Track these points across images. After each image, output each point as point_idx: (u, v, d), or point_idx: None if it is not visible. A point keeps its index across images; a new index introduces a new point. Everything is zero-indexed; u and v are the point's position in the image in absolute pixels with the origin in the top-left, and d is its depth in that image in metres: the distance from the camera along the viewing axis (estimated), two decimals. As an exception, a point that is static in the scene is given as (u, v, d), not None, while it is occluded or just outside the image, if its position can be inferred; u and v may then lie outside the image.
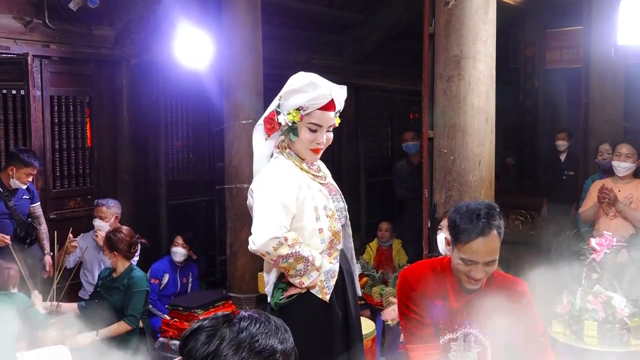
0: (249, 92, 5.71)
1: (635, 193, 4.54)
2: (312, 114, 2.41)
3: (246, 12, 5.74)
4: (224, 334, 1.26)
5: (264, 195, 2.40)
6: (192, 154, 7.50)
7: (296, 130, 2.43)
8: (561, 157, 7.29)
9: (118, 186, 6.60)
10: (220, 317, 1.33)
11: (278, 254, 2.35)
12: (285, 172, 2.43)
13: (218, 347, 1.25)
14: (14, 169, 4.77)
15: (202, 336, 1.27)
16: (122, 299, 4.42)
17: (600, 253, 3.86)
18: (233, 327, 1.28)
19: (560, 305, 3.89)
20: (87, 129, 6.39)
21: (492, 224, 2.17)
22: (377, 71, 9.97)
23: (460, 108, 4.00)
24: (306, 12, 8.40)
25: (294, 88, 2.39)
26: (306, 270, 2.39)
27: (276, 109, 2.46)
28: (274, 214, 2.36)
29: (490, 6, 4.03)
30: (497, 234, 2.19)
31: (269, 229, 2.35)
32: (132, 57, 6.53)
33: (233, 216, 5.82)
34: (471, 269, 2.18)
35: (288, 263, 2.37)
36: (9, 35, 5.59)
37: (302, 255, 2.37)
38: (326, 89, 2.41)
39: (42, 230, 5.17)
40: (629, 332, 3.66)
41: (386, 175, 10.48)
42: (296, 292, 2.45)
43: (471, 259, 2.17)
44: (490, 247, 2.16)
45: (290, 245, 2.35)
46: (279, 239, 2.34)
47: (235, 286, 5.94)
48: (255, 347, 1.26)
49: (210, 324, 1.30)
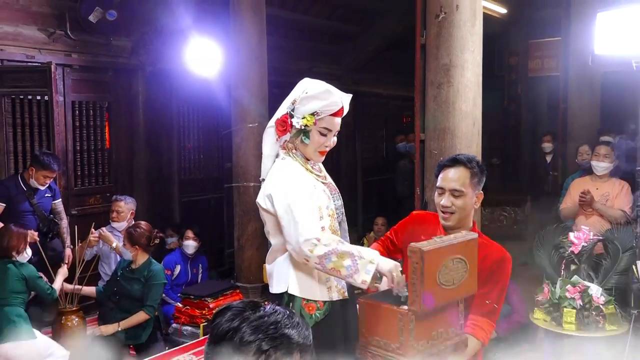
0: (255, 98, 5.71)
1: (612, 191, 4.54)
2: (324, 119, 2.40)
3: (252, 24, 5.74)
4: (248, 316, 1.28)
5: (287, 201, 2.30)
6: (203, 155, 7.50)
7: (308, 133, 2.41)
8: (547, 158, 7.27)
9: (134, 184, 6.60)
10: (250, 302, 1.34)
11: (316, 255, 2.18)
12: (300, 175, 2.39)
13: (239, 325, 1.26)
14: (34, 169, 4.75)
15: (229, 314, 1.29)
16: (140, 289, 4.43)
17: (578, 246, 3.86)
18: (258, 312, 1.29)
19: (541, 294, 3.89)
20: (105, 132, 6.39)
21: (463, 160, 2.24)
22: (373, 79, 9.98)
23: (450, 113, 4.00)
24: (308, 24, 8.41)
25: (312, 94, 2.37)
26: (356, 266, 2.15)
27: (290, 112, 2.43)
28: (301, 218, 2.25)
29: (477, 19, 4.03)
30: (465, 168, 2.23)
31: (298, 234, 2.23)
32: (147, 65, 6.53)
33: (240, 212, 5.82)
34: (442, 199, 2.22)
35: (333, 262, 2.18)
36: (34, 45, 5.59)
37: (344, 251, 2.18)
38: (338, 97, 2.41)
39: (62, 225, 5.16)
40: (604, 318, 3.66)
41: (381, 174, 10.50)
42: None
43: (441, 185, 2.24)
44: (456, 176, 2.21)
45: (325, 244, 2.20)
46: (311, 240, 2.20)
47: (242, 276, 5.94)
48: (272, 332, 1.26)
49: (239, 306, 1.32)
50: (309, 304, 2.35)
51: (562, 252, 3.96)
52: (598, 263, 3.93)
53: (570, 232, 3.94)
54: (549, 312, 3.82)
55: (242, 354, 1.25)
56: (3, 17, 5.38)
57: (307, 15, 8.27)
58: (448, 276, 1.83)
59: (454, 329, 1.94)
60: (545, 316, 3.84)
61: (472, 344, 2.03)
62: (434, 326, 1.87)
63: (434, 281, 1.79)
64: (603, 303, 3.65)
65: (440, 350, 1.88)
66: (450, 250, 1.84)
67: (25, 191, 4.80)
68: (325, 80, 2.44)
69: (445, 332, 1.91)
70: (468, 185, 2.22)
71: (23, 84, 5.41)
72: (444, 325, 1.90)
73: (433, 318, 1.86)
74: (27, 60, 5.51)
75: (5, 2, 5.37)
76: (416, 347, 1.81)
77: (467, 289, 1.91)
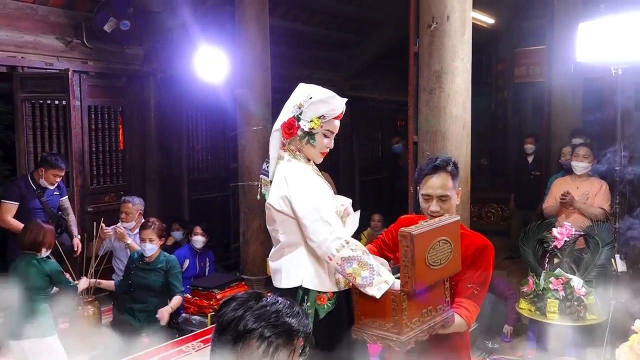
0: (259, 103, 5.72)
1: (591, 189, 4.53)
2: (329, 122, 2.41)
3: (257, 33, 5.75)
4: (252, 305, 1.30)
5: (312, 205, 2.27)
6: (210, 156, 7.51)
7: (314, 136, 2.41)
8: (529, 159, 7.26)
9: (146, 183, 6.61)
10: (253, 293, 1.37)
11: (341, 255, 2.16)
12: (315, 177, 2.39)
13: (243, 314, 1.28)
14: (44, 170, 4.77)
15: (234, 304, 1.31)
16: (160, 279, 4.48)
17: (561, 241, 3.86)
18: (260, 302, 1.31)
19: (527, 286, 3.90)
20: (119, 134, 6.40)
21: (443, 165, 2.24)
22: (369, 84, 9.97)
23: (441, 116, 4.01)
24: (308, 33, 8.41)
25: (319, 99, 2.36)
26: (372, 281, 2.08)
27: (297, 115, 2.43)
28: (331, 218, 2.24)
29: (467, 28, 4.04)
30: (446, 172, 2.24)
31: (331, 231, 2.21)
32: (158, 72, 6.53)
33: (245, 209, 5.83)
34: (430, 205, 2.23)
35: (353, 268, 2.14)
36: (52, 53, 5.60)
37: (366, 262, 2.13)
38: (340, 101, 2.42)
39: (70, 219, 5.16)
40: (585, 308, 3.67)
41: (377, 174, 10.50)
42: None
43: (427, 193, 2.24)
44: (440, 182, 2.22)
45: (352, 249, 2.17)
46: (341, 241, 2.18)
47: (247, 269, 5.95)
48: (274, 321, 1.28)
49: (243, 297, 1.34)
50: (321, 295, 2.36)
51: (546, 246, 3.97)
52: (579, 257, 3.93)
53: (553, 228, 3.95)
54: (534, 303, 3.83)
55: (245, 340, 1.26)
56: (24, 27, 5.39)
57: (307, 25, 8.28)
58: (435, 257, 1.86)
59: (441, 306, 1.98)
60: (530, 306, 3.85)
61: (457, 320, 2.06)
62: (423, 304, 1.90)
63: (423, 262, 1.82)
64: (584, 294, 3.66)
65: (430, 327, 1.91)
66: (436, 233, 1.88)
67: (35, 190, 4.82)
68: (325, 85, 2.44)
69: (433, 309, 1.95)
70: (451, 188, 2.24)
71: (42, 90, 5.42)
72: (432, 302, 1.94)
73: (422, 297, 1.89)
74: (46, 68, 5.52)
75: (26, 13, 5.38)
76: (409, 325, 1.85)
77: (453, 268, 1.95)
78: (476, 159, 9.07)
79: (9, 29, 5.28)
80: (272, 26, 5.98)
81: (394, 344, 1.83)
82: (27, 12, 5.39)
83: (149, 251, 4.47)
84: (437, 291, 1.96)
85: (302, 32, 8.26)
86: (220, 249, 7.02)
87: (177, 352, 4.42)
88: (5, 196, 4.73)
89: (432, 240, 1.85)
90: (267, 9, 5.87)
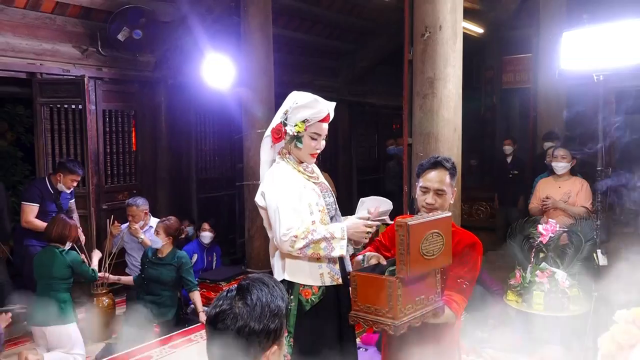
0: (263, 107, 5.71)
1: (573, 188, 4.51)
2: (313, 125, 2.41)
3: (261, 42, 5.74)
4: (242, 313, 1.26)
5: (274, 202, 2.33)
6: (217, 157, 7.51)
7: (301, 139, 2.42)
8: (508, 159, 7.27)
9: (157, 183, 6.60)
10: (234, 294, 1.30)
11: (297, 248, 2.27)
12: (289, 177, 2.40)
13: (243, 325, 1.25)
14: (62, 175, 4.76)
15: (227, 320, 1.26)
16: (171, 274, 4.48)
17: (546, 237, 3.86)
18: (247, 302, 1.27)
19: (514, 279, 3.90)
20: (132, 137, 6.39)
21: (442, 162, 2.26)
22: (366, 90, 9.97)
23: (434, 120, 4.00)
24: (309, 42, 8.40)
25: (302, 104, 2.38)
26: (331, 246, 2.28)
27: (283, 121, 2.45)
28: (283, 219, 2.29)
29: (458, 37, 4.03)
30: (445, 169, 2.25)
31: (281, 234, 2.28)
32: (169, 78, 6.53)
33: (250, 207, 5.83)
34: (426, 197, 2.24)
35: (311, 249, 2.28)
36: (69, 60, 5.59)
37: (318, 239, 2.27)
38: (324, 105, 2.42)
39: (74, 217, 5.13)
40: (568, 300, 3.67)
41: (374, 174, 10.50)
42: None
43: (425, 185, 2.26)
44: (438, 177, 2.24)
45: (302, 237, 2.26)
46: (289, 239, 2.26)
47: (252, 263, 5.95)
48: (271, 310, 1.28)
49: (228, 306, 1.28)
50: (305, 289, 2.38)
51: (532, 242, 3.96)
52: (563, 252, 3.93)
53: (539, 225, 3.95)
54: (520, 295, 3.83)
55: (229, 328, 1.26)
56: (42, 36, 5.38)
57: (308, 35, 8.27)
58: (428, 248, 1.88)
59: (432, 296, 1.99)
60: (517, 298, 3.85)
61: (447, 312, 2.07)
62: (416, 292, 1.92)
63: (417, 251, 1.84)
64: (568, 286, 3.66)
65: (423, 314, 1.93)
66: (430, 225, 1.90)
67: (53, 193, 4.83)
68: (324, 91, 2.45)
69: (425, 298, 1.96)
70: (448, 185, 2.25)
71: (59, 95, 5.42)
72: (424, 292, 1.96)
73: (416, 285, 1.91)
74: (63, 74, 5.51)
75: (45, 22, 5.37)
76: (403, 310, 1.86)
77: (444, 260, 1.97)
78: (466, 159, 9.09)
79: (28, 37, 5.27)
80: (275, 35, 5.98)
81: (388, 328, 1.84)
82: (46, 21, 5.38)
83: (156, 244, 4.50)
84: (429, 282, 1.97)
85: (303, 41, 8.26)
86: (226, 244, 7.02)
87: (186, 340, 4.43)
88: (27, 198, 4.73)
89: (426, 232, 1.88)
90: (270, 19, 5.86)
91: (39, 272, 4.00)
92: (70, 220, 4.18)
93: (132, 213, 5.07)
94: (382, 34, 8.92)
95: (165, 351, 4.11)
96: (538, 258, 3.89)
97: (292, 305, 2.35)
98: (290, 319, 2.33)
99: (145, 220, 5.09)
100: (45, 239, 4.10)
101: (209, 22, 6.35)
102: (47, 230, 4.09)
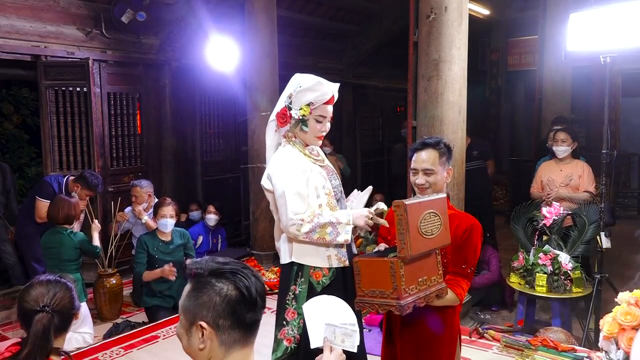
0: (267, 89, 5.69)
1: (575, 172, 4.48)
2: (318, 107, 2.40)
3: (265, 24, 5.70)
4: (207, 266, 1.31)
5: (281, 186, 2.33)
6: (222, 140, 7.50)
7: (306, 122, 2.41)
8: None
9: (162, 165, 6.61)
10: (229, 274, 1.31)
11: (303, 232, 2.27)
12: (295, 161, 2.38)
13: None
14: (79, 186, 4.70)
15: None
16: (181, 253, 4.48)
17: (550, 219, 3.86)
18: (239, 284, 1.28)
19: (517, 261, 3.91)
20: (137, 119, 6.38)
21: (431, 143, 2.26)
22: (371, 73, 9.91)
23: (438, 102, 3.98)
24: (313, 24, 8.33)
25: (306, 87, 2.36)
26: (337, 231, 2.28)
27: (288, 105, 2.43)
28: (289, 203, 2.29)
29: (464, 19, 3.99)
30: (434, 149, 2.24)
31: (287, 218, 2.29)
32: (173, 61, 6.50)
33: (255, 189, 5.84)
34: (417, 178, 2.26)
35: (318, 234, 2.28)
36: (73, 43, 5.57)
37: (324, 222, 2.27)
38: (329, 87, 2.40)
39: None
40: (571, 282, 3.68)
41: (378, 157, 10.48)
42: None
43: (414, 167, 2.27)
44: (427, 157, 2.23)
45: (309, 221, 2.27)
46: (296, 224, 2.27)
47: (256, 245, 5.98)
48: (257, 291, 1.29)
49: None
50: (316, 271, 2.38)
51: (535, 224, 3.96)
52: (567, 234, 3.93)
53: (542, 208, 3.94)
54: (524, 277, 3.84)
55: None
56: (46, 18, 5.35)
57: (313, 16, 8.19)
58: (427, 227, 1.91)
59: (435, 277, 2.01)
60: (520, 280, 3.86)
61: (450, 295, 2.08)
62: (418, 273, 1.93)
63: (416, 230, 1.86)
64: (570, 269, 3.67)
65: (427, 295, 1.95)
66: (426, 205, 1.93)
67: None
68: (328, 74, 2.43)
69: (428, 279, 1.98)
70: (438, 164, 2.24)
71: (64, 77, 5.40)
72: (427, 273, 1.97)
73: (417, 266, 1.92)
74: (67, 57, 5.50)
75: (49, 5, 5.34)
76: (407, 290, 1.88)
77: (443, 240, 1.99)
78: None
79: (33, 20, 5.25)
80: (279, 17, 5.92)
81: (394, 308, 1.86)
82: (50, 4, 5.35)
83: (170, 226, 4.41)
84: (430, 263, 1.99)
85: (307, 23, 8.18)
86: (231, 227, 7.05)
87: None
88: (42, 194, 4.74)
89: (423, 212, 1.90)
90: (275, 0, 5.81)
91: (48, 253, 4.04)
92: (71, 199, 4.20)
93: (136, 194, 5.08)
94: (386, 16, 8.83)
95: (172, 331, 4.14)
96: (541, 240, 3.89)
97: (303, 288, 2.36)
98: (300, 300, 2.33)
99: (149, 202, 5.11)
100: (52, 221, 4.12)
101: (213, 4, 6.30)
102: (53, 213, 4.09)
